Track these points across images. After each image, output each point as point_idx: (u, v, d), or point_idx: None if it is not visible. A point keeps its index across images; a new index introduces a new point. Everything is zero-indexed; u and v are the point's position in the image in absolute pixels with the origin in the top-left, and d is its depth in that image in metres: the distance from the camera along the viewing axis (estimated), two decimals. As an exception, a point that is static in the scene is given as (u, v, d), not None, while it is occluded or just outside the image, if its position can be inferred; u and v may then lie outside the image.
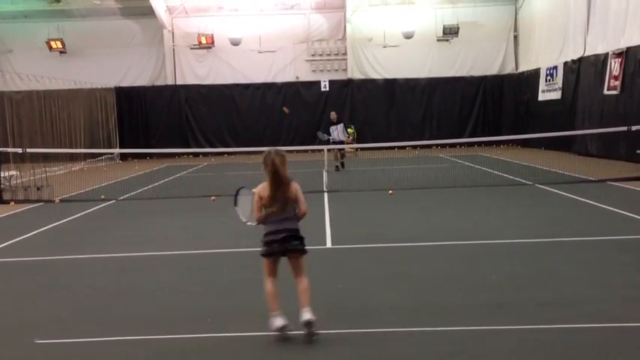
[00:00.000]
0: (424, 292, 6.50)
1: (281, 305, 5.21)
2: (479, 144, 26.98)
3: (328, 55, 30.19)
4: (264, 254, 5.30)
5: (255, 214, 5.30)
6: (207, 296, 6.64)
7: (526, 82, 27.87)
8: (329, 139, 20.03)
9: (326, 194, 14.37)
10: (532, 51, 27.78)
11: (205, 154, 27.94)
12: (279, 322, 5.11)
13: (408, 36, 28.68)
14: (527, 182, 15.17)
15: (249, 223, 5.46)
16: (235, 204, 5.49)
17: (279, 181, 5.20)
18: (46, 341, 5.34)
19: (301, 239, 5.34)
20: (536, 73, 26.55)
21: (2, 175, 15.32)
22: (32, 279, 7.69)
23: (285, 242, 5.23)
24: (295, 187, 5.33)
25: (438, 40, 29.43)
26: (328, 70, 30.14)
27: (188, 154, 28.20)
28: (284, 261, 5.38)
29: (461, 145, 26.88)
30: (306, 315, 5.08)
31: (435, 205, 12.56)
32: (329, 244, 9.09)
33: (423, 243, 8.97)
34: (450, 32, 28.75)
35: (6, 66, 29.35)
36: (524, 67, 28.76)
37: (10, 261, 8.78)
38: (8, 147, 17.31)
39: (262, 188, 5.28)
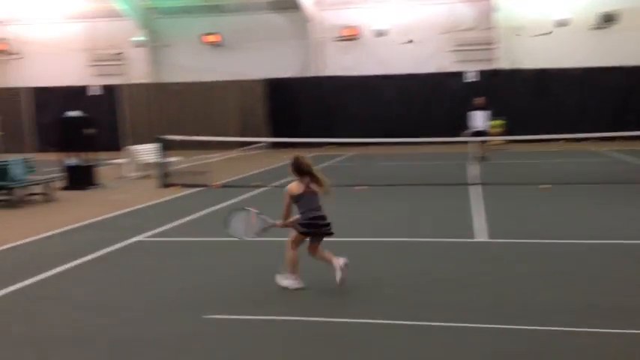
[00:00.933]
0: (587, 292, 6.24)
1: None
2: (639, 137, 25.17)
3: (474, 44, 29.48)
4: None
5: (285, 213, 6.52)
6: (358, 284, 6.79)
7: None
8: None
9: (473, 187, 14.11)
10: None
11: (350, 144, 28.33)
12: (297, 284, 6.46)
13: (562, 24, 27.32)
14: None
15: (247, 239, 6.60)
16: (227, 226, 6.57)
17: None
18: (214, 316, 5.72)
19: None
20: None
21: (166, 160, 16.44)
22: (197, 258, 8.24)
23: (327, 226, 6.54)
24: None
25: (595, 28, 27.80)
26: (474, 61, 29.44)
27: (334, 143, 28.69)
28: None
29: (619, 138, 25.24)
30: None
31: (592, 201, 11.96)
32: (481, 238, 8.95)
33: (583, 241, 8.59)
34: (610, 19, 27.04)
35: (166, 58, 31.41)
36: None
37: (176, 240, 9.45)
38: (170, 134, 18.49)
39: (295, 186, 6.48)
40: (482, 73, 28.90)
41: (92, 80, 31.93)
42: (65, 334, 5.44)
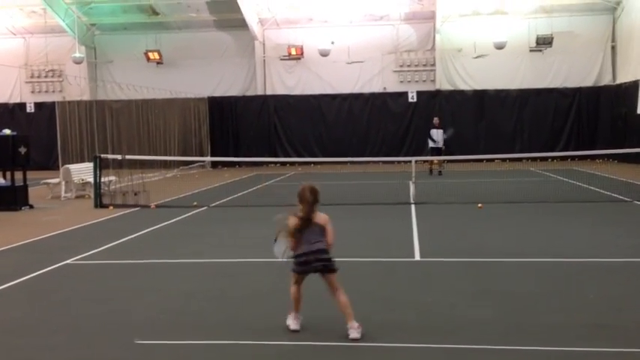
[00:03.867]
0: (517, 310, 6.32)
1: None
2: (572, 158, 26.09)
3: (416, 65, 30.03)
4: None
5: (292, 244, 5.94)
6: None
7: (624, 94, 26.70)
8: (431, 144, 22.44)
9: (413, 206, 14.27)
10: (631, 62, 26.61)
11: (292, 164, 28.35)
12: (293, 325, 5.86)
13: (500, 46, 28.09)
14: (626, 199, 14.53)
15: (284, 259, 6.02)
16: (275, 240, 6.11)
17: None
18: (146, 342, 5.55)
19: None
20: (634, 85, 25.39)
21: (102, 180, 16.05)
22: (129, 281, 8.02)
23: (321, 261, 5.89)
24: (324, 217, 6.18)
25: (530, 51, 28.70)
26: (416, 81, 29.96)
27: (276, 162, 28.67)
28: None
29: (553, 158, 26.05)
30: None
31: (526, 220, 12.23)
32: (417, 257, 9.02)
33: (516, 259, 8.74)
34: (544, 42, 27.99)
35: (106, 76, 30.87)
36: (622, 79, 27.60)
37: (108, 263, 9.19)
38: (108, 153, 18.11)
39: (290, 219, 6.02)
40: (424, 93, 29.43)
41: (28, 97, 31.11)
42: (-20, 364, 5.19)
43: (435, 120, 23.13)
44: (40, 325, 6.17)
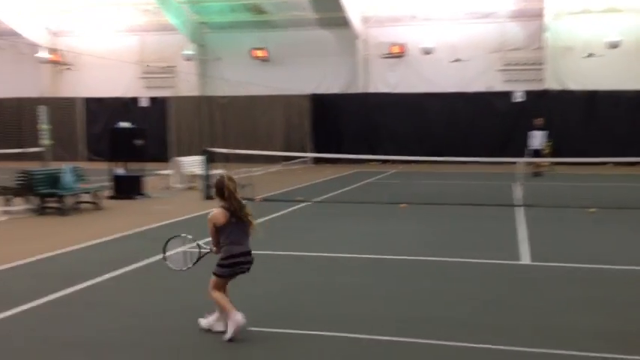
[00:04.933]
0: (633, 320, 6.10)
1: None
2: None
3: (523, 64, 29.21)
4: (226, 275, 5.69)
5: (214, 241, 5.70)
6: (395, 302, 6.78)
7: None
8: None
9: (519, 208, 13.95)
10: None
11: (393, 162, 28.28)
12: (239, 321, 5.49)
13: (613, 45, 26.86)
14: None
15: (184, 269, 5.95)
16: (164, 258, 5.94)
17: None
18: (259, 329, 5.77)
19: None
20: None
21: (211, 173, 16.67)
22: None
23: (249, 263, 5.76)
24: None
25: (647, 50, 27.27)
26: (522, 81, 29.15)
27: (376, 160, 28.70)
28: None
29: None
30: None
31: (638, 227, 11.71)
32: (525, 260, 8.84)
33: (632, 267, 8.40)
34: (662, 41, 26.52)
35: (215, 72, 31.96)
36: None
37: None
38: (215, 147, 18.80)
39: (218, 214, 5.64)
40: (530, 93, 28.58)
41: (142, 92, 32.67)
42: (113, 339, 5.58)
43: (539, 121, 22.60)
44: (156, 308, 6.53)
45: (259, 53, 31.17)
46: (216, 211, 5.70)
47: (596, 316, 6.22)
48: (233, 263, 5.65)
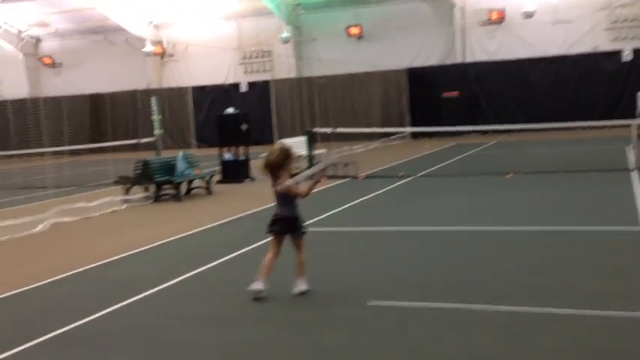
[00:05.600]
0: None
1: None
2: None
3: (632, 20, 27.61)
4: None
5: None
6: (519, 273, 6.74)
7: None
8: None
9: (634, 172, 13.36)
10: None
11: (495, 132, 27.63)
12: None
13: None
14: None
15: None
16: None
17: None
18: (378, 303, 5.95)
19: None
20: None
21: (314, 153, 16.99)
22: (349, 247, 8.55)
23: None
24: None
25: None
26: (632, 38, 27.59)
27: (477, 131, 28.13)
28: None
29: None
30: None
31: None
32: (644, 227, 8.53)
33: None
34: None
35: (311, 53, 32.30)
36: None
37: (330, 231, 9.82)
38: (316, 127, 19.12)
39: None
40: (640, 51, 27.02)
41: (241, 77, 33.53)
42: (235, 315, 5.92)
43: None
44: (281, 287, 6.83)
45: (354, 30, 31.17)
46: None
47: None
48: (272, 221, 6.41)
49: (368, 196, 12.69)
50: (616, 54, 27.47)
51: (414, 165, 17.88)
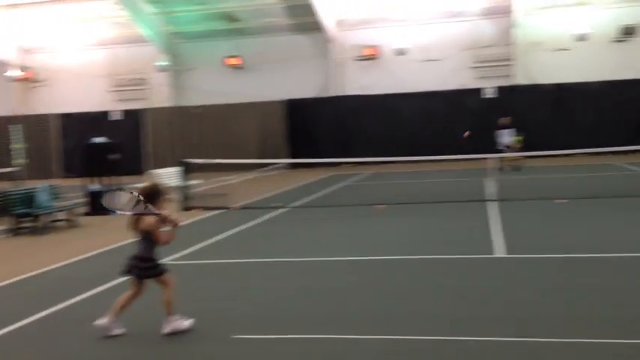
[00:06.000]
0: (615, 305, 6.23)
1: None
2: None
3: (494, 61, 29.58)
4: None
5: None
6: (380, 301, 6.85)
7: None
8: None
9: (492, 203, 14.13)
10: None
11: (368, 164, 28.46)
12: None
13: (582, 38, 27.32)
14: None
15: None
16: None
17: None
18: (242, 336, 5.82)
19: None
20: None
21: (188, 184, 16.65)
22: (220, 280, 8.37)
23: None
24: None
25: (614, 42, 27.75)
26: (494, 77, 29.53)
27: (352, 163, 28.84)
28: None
29: (638, 152, 25.02)
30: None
31: (611, 215, 11.91)
32: (499, 254, 8.98)
33: (603, 254, 8.57)
34: (629, 32, 27.03)
35: (188, 82, 31.91)
36: None
37: (199, 263, 9.59)
38: (192, 158, 18.76)
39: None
40: (501, 89, 28.94)
41: (114, 105, 32.50)
42: (101, 356, 5.58)
43: (505, 120, 22.70)
44: (138, 323, 6.52)
45: (233, 61, 31.17)
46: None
47: (563, 303, 6.34)
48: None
49: (240, 228, 12.55)
50: (479, 91, 29.23)
51: (290, 196, 17.96)
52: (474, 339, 5.48)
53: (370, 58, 30.21)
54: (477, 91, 29.25)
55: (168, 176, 18.72)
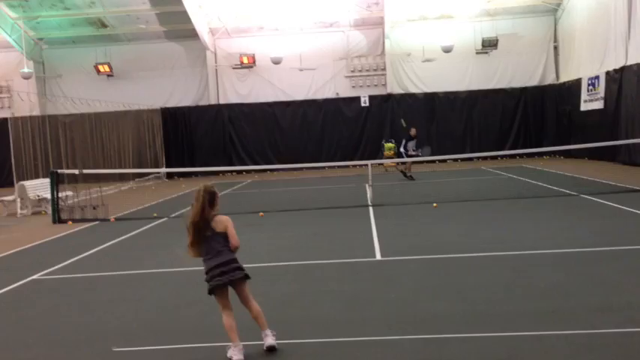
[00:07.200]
0: (475, 301, 6.70)
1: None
2: (521, 155, 27.02)
3: (367, 70, 30.56)
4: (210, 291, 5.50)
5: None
6: (269, 306, 6.94)
7: (568, 92, 27.73)
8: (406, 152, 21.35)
9: (371, 208, 14.64)
10: (573, 61, 27.69)
11: (248, 172, 28.51)
12: (236, 355, 5.23)
13: (447, 50, 28.85)
14: (572, 193, 15.19)
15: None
16: None
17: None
18: (123, 349, 5.71)
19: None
20: (577, 83, 26.42)
21: (59, 195, 15.94)
22: (99, 293, 8.13)
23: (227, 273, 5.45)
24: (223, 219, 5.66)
25: (477, 53, 29.56)
26: (368, 86, 30.50)
27: (232, 171, 28.77)
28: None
29: (503, 157, 26.87)
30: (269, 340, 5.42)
31: (479, 216, 12.69)
32: (378, 257, 9.35)
33: (471, 254, 9.14)
34: (489, 45, 28.89)
35: (56, 90, 30.49)
36: (565, 78, 28.64)
37: (75, 277, 9.25)
38: (63, 168, 17.99)
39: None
40: (376, 97, 29.96)
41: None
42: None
43: (413, 131, 21.72)
44: (13, 341, 6.24)
45: (103, 68, 30.13)
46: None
47: (443, 300, 6.74)
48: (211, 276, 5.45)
49: (116, 240, 12.21)
50: (355, 100, 30.10)
51: (170, 205, 17.64)
52: (351, 339, 5.70)
53: (247, 66, 30.28)
54: (353, 100, 30.07)
55: (39, 188, 17.85)
